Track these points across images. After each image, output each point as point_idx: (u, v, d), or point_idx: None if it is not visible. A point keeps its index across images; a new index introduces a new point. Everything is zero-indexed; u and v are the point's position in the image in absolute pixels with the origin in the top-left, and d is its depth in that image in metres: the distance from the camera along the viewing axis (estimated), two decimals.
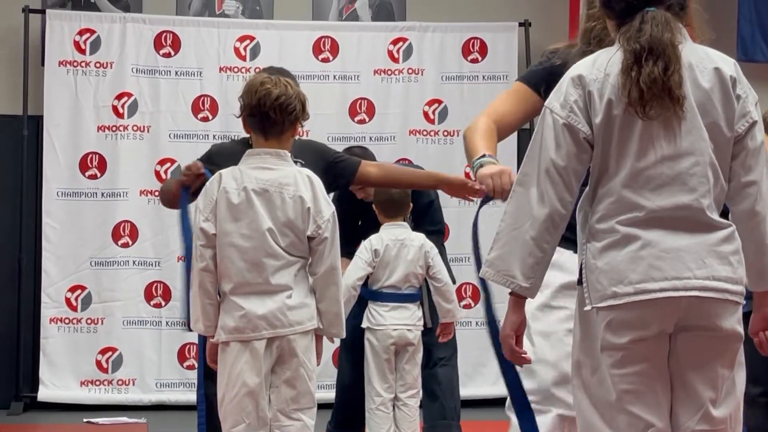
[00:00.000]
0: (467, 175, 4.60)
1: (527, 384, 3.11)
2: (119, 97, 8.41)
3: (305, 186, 3.89)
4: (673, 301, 2.62)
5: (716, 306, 2.65)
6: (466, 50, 8.76)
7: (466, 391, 7.46)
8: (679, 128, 2.64)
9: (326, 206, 3.94)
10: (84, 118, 8.40)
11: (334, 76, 8.65)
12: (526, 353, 2.77)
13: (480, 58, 8.77)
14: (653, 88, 2.61)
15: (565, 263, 3.12)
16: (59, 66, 8.37)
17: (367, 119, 8.66)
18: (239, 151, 4.03)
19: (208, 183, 3.98)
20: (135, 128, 8.43)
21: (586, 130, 2.69)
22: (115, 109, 8.42)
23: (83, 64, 8.40)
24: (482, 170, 3.19)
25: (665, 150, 2.65)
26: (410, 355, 6.13)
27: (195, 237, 3.92)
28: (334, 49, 8.67)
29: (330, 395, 6.58)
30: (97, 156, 8.43)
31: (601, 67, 2.69)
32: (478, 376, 8.35)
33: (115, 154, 8.38)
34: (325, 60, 8.65)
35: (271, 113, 3.89)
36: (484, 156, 3.22)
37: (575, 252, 3.01)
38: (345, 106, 8.60)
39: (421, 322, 6.15)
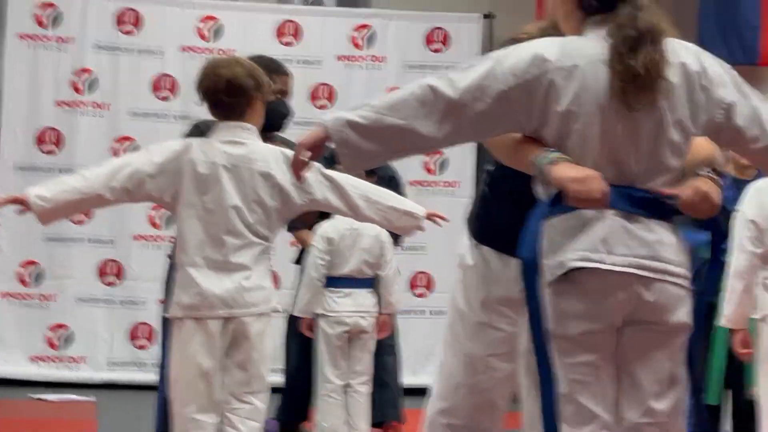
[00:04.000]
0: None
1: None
2: (79, 73, 8.36)
3: (276, 162, 3.87)
4: (620, 280, 2.63)
5: (664, 297, 2.68)
6: (429, 40, 8.78)
7: (415, 379, 7.50)
8: (652, 122, 2.65)
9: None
10: (43, 93, 8.33)
11: (297, 61, 8.60)
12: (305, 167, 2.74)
13: (443, 48, 8.79)
14: (651, 72, 2.61)
15: (496, 274, 3.12)
16: (20, 39, 8.29)
17: (328, 105, 8.64)
18: None
19: (173, 144, 3.96)
20: (94, 105, 8.37)
21: (523, 117, 2.67)
22: (74, 84, 8.36)
23: (44, 38, 8.32)
24: (561, 171, 2.65)
25: (635, 143, 2.66)
26: (363, 343, 6.14)
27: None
28: (298, 33, 8.65)
29: (278, 380, 6.58)
30: (54, 131, 8.36)
31: (570, 56, 2.67)
32: (428, 365, 8.38)
33: (73, 130, 8.33)
34: (288, 44, 8.62)
35: (224, 97, 3.89)
36: (553, 150, 2.69)
37: (505, 254, 3.05)
38: (306, 91, 8.59)
39: (375, 309, 6.16)
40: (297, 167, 2.76)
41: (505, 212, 2.99)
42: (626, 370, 2.72)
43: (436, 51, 8.78)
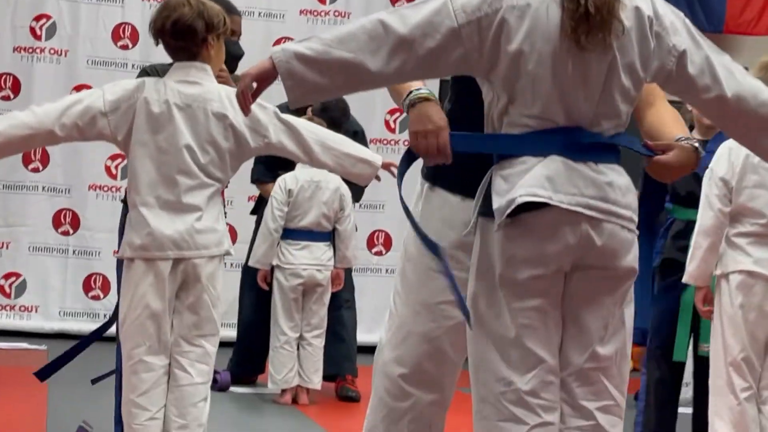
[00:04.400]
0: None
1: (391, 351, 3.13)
2: (38, 18, 8.23)
3: (231, 103, 3.82)
4: (569, 219, 2.62)
5: (614, 241, 2.66)
6: None
7: (370, 337, 7.47)
8: (603, 64, 2.62)
9: (261, 112, 3.86)
10: (0, 38, 8.20)
11: (260, 14, 8.55)
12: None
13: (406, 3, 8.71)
14: (603, 12, 2.58)
15: (452, 217, 3.08)
16: None
17: None
18: None
19: (127, 83, 3.89)
20: (52, 51, 8.25)
21: (473, 57, 2.63)
22: (32, 30, 8.24)
23: None
24: (411, 120, 2.80)
25: (585, 85, 2.63)
26: (318, 296, 6.13)
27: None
28: None
29: (233, 334, 6.55)
30: (11, 77, 8.24)
31: None
32: (383, 322, 8.36)
33: (30, 77, 8.21)
34: None
35: (172, 40, 3.83)
36: (418, 89, 2.85)
37: (465, 196, 3.00)
38: (268, 44, 8.49)
39: (331, 263, 6.15)
40: (242, 99, 2.69)
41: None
42: (572, 315, 2.71)
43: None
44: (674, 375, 5.12)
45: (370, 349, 6.72)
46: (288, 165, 6.03)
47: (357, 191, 6.31)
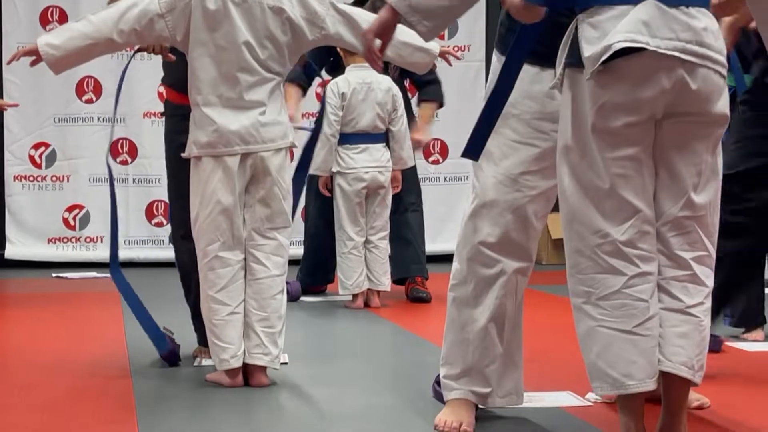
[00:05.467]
0: None
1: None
2: None
3: None
4: (665, 64, 2.57)
5: (708, 85, 2.62)
6: None
7: (432, 246, 7.48)
8: None
9: (318, 4, 3.84)
10: None
11: None
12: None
13: None
14: None
15: (531, 88, 3.08)
16: None
17: None
18: None
19: None
20: None
21: None
22: None
23: None
24: None
25: None
26: (381, 198, 6.12)
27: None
28: None
29: (300, 251, 6.56)
30: (57, 9, 8.25)
31: None
32: (445, 231, 8.37)
33: (76, 8, 8.18)
34: None
35: None
36: None
37: (543, 67, 3.01)
38: None
39: (390, 164, 6.12)
40: (372, 57, 2.74)
41: (534, 24, 2.92)
42: (665, 164, 2.68)
43: None
44: None
45: (432, 258, 6.78)
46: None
47: (439, 93, 6.43)
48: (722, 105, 2.68)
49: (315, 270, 6.52)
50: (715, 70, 2.64)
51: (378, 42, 2.73)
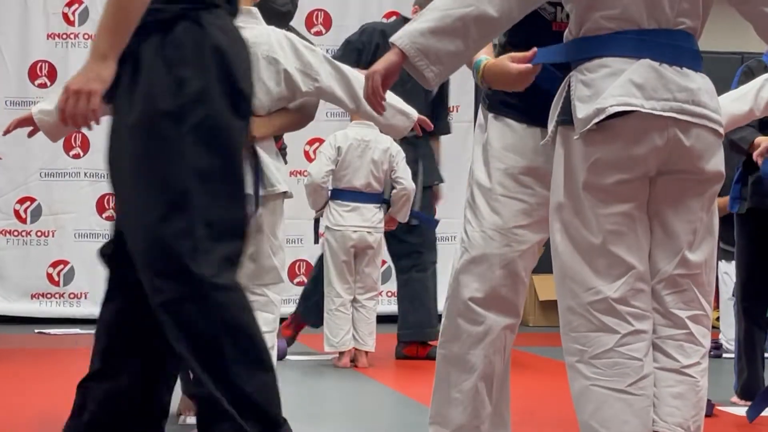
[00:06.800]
0: None
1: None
2: (70, 3, 8.24)
3: (281, 47, 3.77)
4: (658, 124, 2.56)
5: (701, 143, 2.61)
6: None
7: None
8: None
9: (312, 56, 3.82)
10: (33, 26, 8.22)
11: None
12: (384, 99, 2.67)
13: None
14: None
15: (518, 144, 3.07)
16: None
17: (323, 31, 8.57)
18: None
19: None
20: (86, 36, 8.23)
21: None
22: (65, 16, 8.25)
23: None
24: (488, 74, 2.94)
25: None
26: (370, 258, 6.08)
27: None
28: None
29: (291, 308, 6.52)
30: (46, 64, 8.26)
31: None
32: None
33: (65, 63, 8.20)
34: None
35: None
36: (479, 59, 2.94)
37: (530, 123, 3.02)
38: (301, 18, 8.46)
39: (382, 225, 6.09)
40: (374, 98, 2.63)
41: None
42: (660, 221, 2.65)
43: None
44: None
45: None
46: None
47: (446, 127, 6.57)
48: (716, 162, 2.66)
49: (317, 308, 6.35)
50: (710, 128, 2.63)
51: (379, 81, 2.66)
